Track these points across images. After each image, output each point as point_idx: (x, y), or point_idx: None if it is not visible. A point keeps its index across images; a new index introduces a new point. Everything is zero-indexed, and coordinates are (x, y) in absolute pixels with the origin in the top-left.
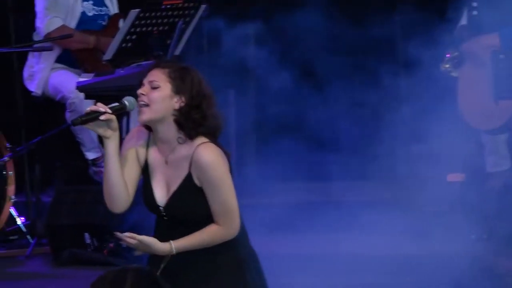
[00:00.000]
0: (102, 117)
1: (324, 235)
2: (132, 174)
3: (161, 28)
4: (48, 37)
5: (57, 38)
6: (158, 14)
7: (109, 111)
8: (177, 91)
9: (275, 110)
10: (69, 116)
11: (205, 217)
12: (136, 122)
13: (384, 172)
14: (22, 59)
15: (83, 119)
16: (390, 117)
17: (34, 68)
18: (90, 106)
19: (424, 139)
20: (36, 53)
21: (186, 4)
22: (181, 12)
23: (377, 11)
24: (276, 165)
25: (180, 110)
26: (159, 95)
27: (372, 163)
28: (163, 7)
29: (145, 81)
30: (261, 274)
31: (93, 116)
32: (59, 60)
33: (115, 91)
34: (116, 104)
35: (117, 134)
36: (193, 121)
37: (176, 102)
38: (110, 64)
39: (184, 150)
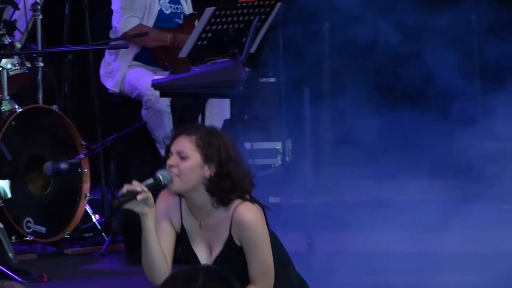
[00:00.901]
0: (139, 197)
1: (390, 232)
2: (168, 243)
3: (236, 26)
4: (125, 35)
5: (133, 36)
6: (234, 12)
7: (145, 189)
8: (206, 159)
9: (351, 108)
10: (145, 114)
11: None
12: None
13: (457, 169)
14: (98, 56)
15: (121, 201)
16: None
17: (111, 66)
18: (125, 186)
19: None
20: (113, 51)
21: (261, 2)
22: (256, 10)
23: None
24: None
25: (210, 180)
26: (189, 165)
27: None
28: (238, 5)
29: (173, 150)
30: None
31: (130, 197)
32: (136, 58)
33: (190, 89)
34: (151, 180)
35: (153, 210)
36: (224, 190)
37: (206, 171)
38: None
39: (221, 213)
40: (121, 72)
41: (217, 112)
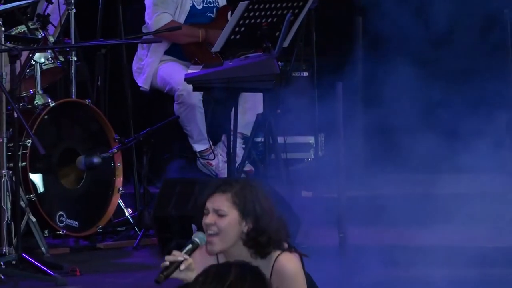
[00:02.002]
0: (182, 267)
1: (424, 227)
2: None
3: (269, 20)
4: (156, 31)
5: (165, 30)
6: (267, 6)
7: (187, 257)
8: (243, 215)
9: (384, 102)
10: (177, 108)
11: None
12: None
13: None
14: (131, 50)
15: (166, 275)
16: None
17: (143, 61)
18: (167, 256)
19: None
20: (145, 46)
21: None
22: (289, 4)
23: None
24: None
25: (248, 235)
26: (228, 223)
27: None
28: None
29: (210, 208)
30: None
31: (174, 268)
32: (168, 52)
33: (223, 83)
34: (189, 246)
35: (195, 272)
36: (261, 245)
37: (244, 227)
38: (219, 56)
39: (260, 263)
40: (151, 68)
41: (250, 106)
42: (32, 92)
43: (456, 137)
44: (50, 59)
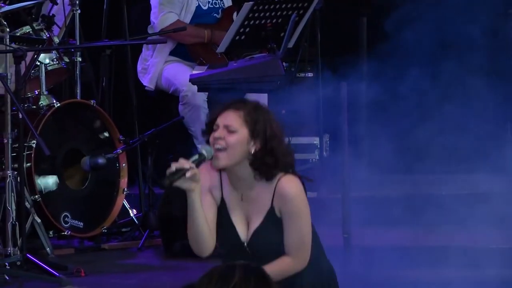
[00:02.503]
0: (188, 174)
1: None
2: (212, 216)
3: (274, 21)
4: (162, 31)
5: (170, 31)
6: (272, 7)
7: (193, 166)
8: (253, 135)
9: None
10: (182, 109)
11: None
12: None
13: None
14: (136, 51)
15: (171, 180)
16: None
17: (148, 62)
18: (173, 163)
19: None
20: (150, 46)
21: None
22: (294, 5)
23: None
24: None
25: (255, 155)
26: (236, 139)
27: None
28: None
29: (220, 123)
30: None
31: (180, 175)
32: (173, 53)
33: (228, 83)
34: (196, 157)
35: (199, 185)
36: (267, 166)
37: (252, 147)
38: (225, 56)
39: (264, 185)
40: (156, 68)
41: None
42: (37, 92)
43: (461, 137)
44: (55, 60)
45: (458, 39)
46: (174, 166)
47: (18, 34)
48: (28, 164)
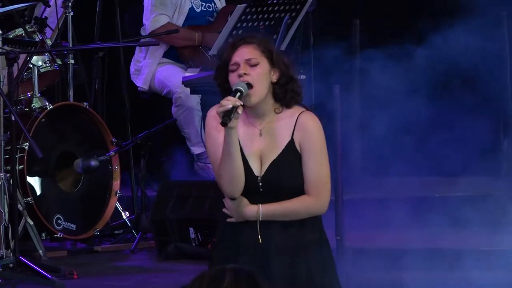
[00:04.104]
0: (239, 110)
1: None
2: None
3: (267, 23)
4: (153, 33)
5: (162, 33)
6: (265, 9)
7: (241, 102)
8: (273, 64)
9: (381, 104)
10: (175, 111)
11: (302, 190)
12: None
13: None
14: (129, 53)
15: (230, 118)
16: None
17: (141, 63)
18: (222, 102)
19: None
20: (143, 48)
21: None
22: (287, 7)
23: None
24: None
25: (278, 83)
26: (261, 71)
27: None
28: (269, 2)
29: (239, 61)
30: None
31: (234, 111)
32: (166, 55)
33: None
34: (238, 94)
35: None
36: (292, 91)
37: (273, 75)
38: (216, 59)
39: (284, 118)
40: (150, 70)
41: None
42: (29, 95)
43: (454, 139)
44: (48, 62)
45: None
46: (228, 104)
47: (10, 36)
48: (21, 167)
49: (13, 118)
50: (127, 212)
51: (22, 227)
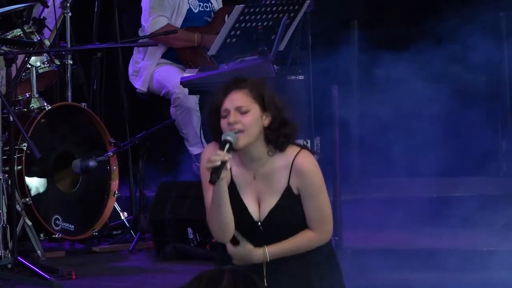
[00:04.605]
0: (228, 165)
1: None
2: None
3: (265, 23)
4: (152, 34)
5: (161, 33)
6: (263, 9)
7: (229, 155)
8: (263, 109)
9: (380, 105)
10: (173, 112)
11: (301, 225)
12: None
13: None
14: (127, 54)
15: (218, 175)
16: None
17: (139, 64)
18: (211, 158)
19: None
20: (141, 49)
21: (290, 0)
22: (285, 8)
23: None
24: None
25: (269, 127)
26: (251, 118)
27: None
28: (267, 2)
29: (230, 108)
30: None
31: (223, 167)
32: (164, 56)
33: (219, 86)
34: (227, 145)
35: (228, 172)
36: (284, 136)
37: (265, 120)
38: (215, 59)
39: (278, 162)
40: (149, 71)
41: None
42: (27, 95)
43: (452, 140)
44: (46, 62)
45: (452, 38)
46: (217, 159)
47: (9, 37)
48: (19, 167)
49: (11, 118)
50: (125, 213)
51: (21, 227)
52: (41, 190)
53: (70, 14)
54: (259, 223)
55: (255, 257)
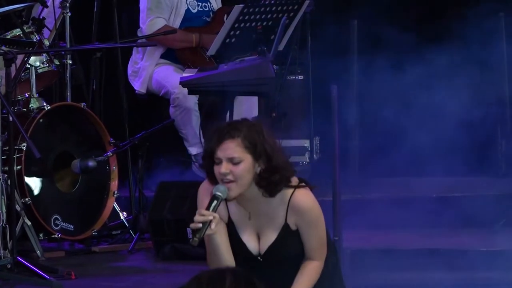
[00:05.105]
0: (212, 226)
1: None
2: (225, 238)
3: (264, 23)
4: (150, 35)
5: (160, 34)
6: (262, 9)
7: (215, 214)
8: (256, 158)
9: (378, 106)
10: (172, 112)
11: (299, 255)
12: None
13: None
14: (127, 54)
15: (200, 237)
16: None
17: (138, 65)
18: (194, 218)
19: None
20: (140, 49)
21: (290, 0)
22: (285, 8)
23: None
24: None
25: (260, 175)
26: (243, 169)
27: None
28: (267, 2)
29: (222, 157)
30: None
31: (206, 227)
32: (163, 56)
33: (218, 86)
34: (215, 202)
35: (221, 224)
36: (274, 184)
37: (257, 168)
38: (214, 59)
39: (273, 201)
40: (147, 72)
41: (245, 109)
42: (27, 95)
43: (449, 141)
44: (45, 62)
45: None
46: (199, 221)
47: (8, 36)
48: (19, 167)
49: (10, 118)
50: (124, 213)
51: (20, 227)
52: (41, 190)
53: (69, 14)
54: (259, 257)
55: None
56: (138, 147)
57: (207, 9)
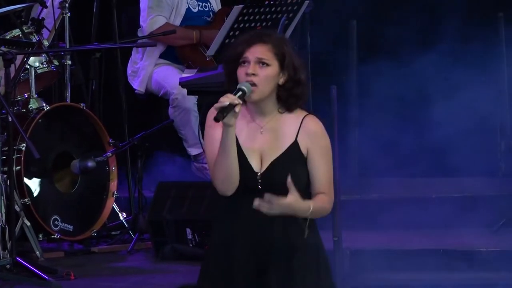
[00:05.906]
0: (237, 109)
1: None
2: (235, 144)
3: (264, 24)
4: (150, 34)
5: (160, 34)
6: (262, 10)
7: (240, 101)
8: (282, 67)
9: (378, 107)
10: (172, 112)
11: (301, 190)
12: None
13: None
14: (126, 54)
15: (225, 115)
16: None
17: (137, 65)
18: (220, 99)
19: None
20: (140, 49)
21: (289, 0)
22: (284, 8)
23: None
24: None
25: (283, 86)
26: (270, 73)
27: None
28: (266, 2)
29: (251, 58)
30: None
31: (230, 109)
32: (163, 56)
33: (218, 87)
34: (240, 93)
35: (236, 118)
36: (295, 97)
37: (281, 78)
38: (214, 60)
39: (288, 119)
40: (147, 71)
41: None
42: (26, 96)
43: (450, 141)
44: (45, 63)
45: (448, 34)
46: (225, 101)
47: (7, 37)
48: (18, 167)
49: (10, 119)
50: (124, 213)
51: (19, 228)
52: (40, 190)
53: (69, 14)
54: (258, 175)
55: (301, 209)
56: (137, 148)
57: (207, 9)
